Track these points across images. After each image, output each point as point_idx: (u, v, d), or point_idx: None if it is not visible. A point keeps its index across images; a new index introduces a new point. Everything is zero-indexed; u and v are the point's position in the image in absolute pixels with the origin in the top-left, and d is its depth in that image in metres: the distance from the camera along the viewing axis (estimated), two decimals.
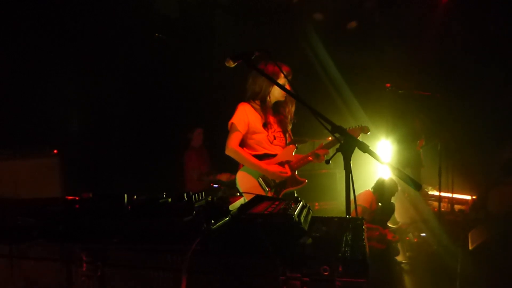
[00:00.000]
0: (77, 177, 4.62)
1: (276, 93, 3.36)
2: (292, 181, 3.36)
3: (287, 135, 3.50)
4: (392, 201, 5.46)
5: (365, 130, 3.43)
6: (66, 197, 1.71)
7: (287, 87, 3.16)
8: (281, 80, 3.22)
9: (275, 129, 3.41)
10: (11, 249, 1.55)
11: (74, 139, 4.88)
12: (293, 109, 3.48)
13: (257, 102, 3.38)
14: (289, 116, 3.48)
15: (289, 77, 3.18)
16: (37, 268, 1.52)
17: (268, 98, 3.38)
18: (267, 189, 3.28)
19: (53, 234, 1.53)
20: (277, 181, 3.30)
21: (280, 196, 3.28)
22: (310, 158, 3.37)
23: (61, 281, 1.49)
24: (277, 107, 3.47)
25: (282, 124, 3.46)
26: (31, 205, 1.77)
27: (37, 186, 4.17)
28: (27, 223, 1.59)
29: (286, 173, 3.29)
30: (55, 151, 4.38)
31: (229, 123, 3.28)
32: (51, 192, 4.19)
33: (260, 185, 3.28)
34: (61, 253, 1.49)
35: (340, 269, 1.22)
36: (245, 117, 3.28)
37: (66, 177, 4.41)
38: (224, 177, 5.52)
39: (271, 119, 3.40)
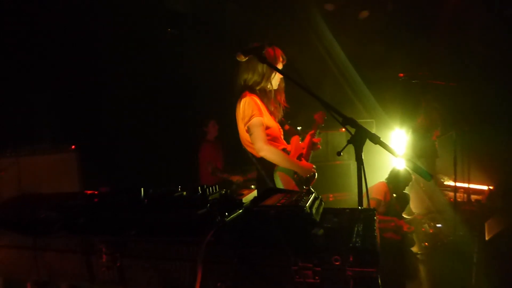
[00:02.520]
0: (95, 171, 4.73)
1: (274, 81, 3.08)
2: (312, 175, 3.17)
3: (282, 126, 3.28)
4: (406, 191, 5.43)
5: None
6: (85, 191, 1.77)
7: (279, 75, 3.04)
8: (280, 65, 3.02)
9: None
10: (35, 241, 1.62)
11: (91, 135, 4.98)
12: (284, 96, 3.21)
13: (257, 92, 3.05)
14: (282, 104, 3.21)
15: (284, 62, 3.04)
16: (60, 259, 1.59)
17: (269, 86, 3.07)
18: (304, 187, 3.00)
19: (74, 227, 1.59)
20: (304, 177, 3.08)
21: None
22: (312, 150, 3.27)
23: (82, 272, 1.55)
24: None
25: (278, 114, 3.19)
26: (53, 200, 1.83)
27: (56, 180, 4.30)
28: (50, 216, 1.65)
29: (314, 167, 3.11)
30: (73, 146, 4.50)
31: (250, 119, 2.90)
32: (70, 186, 4.31)
33: (296, 183, 3.06)
34: (82, 245, 1.55)
35: (351, 259, 1.25)
36: (261, 109, 2.96)
37: (84, 171, 4.52)
38: (235, 178, 5.59)
39: (273, 110, 3.13)
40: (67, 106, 4.77)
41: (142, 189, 1.63)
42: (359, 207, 1.86)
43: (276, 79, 3.09)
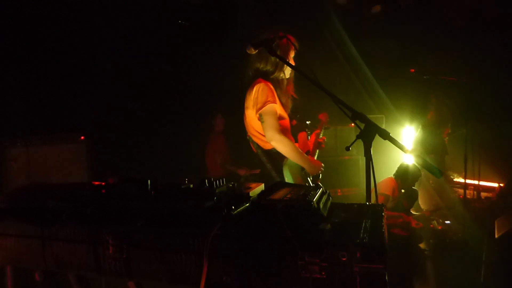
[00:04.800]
0: (104, 162, 4.76)
1: (287, 70, 2.92)
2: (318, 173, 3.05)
3: (290, 120, 3.08)
4: (415, 187, 5.39)
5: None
6: (93, 182, 1.78)
7: (292, 62, 2.89)
8: (292, 53, 2.88)
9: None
10: (42, 230, 1.63)
11: (101, 126, 5.00)
12: (292, 86, 3.03)
13: (271, 81, 2.89)
14: (291, 95, 3.03)
15: (296, 50, 2.86)
16: (67, 249, 1.59)
17: (282, 75, 2.91)
18: (312, 184, 2.91)
19: (81, 217, 1.60)
20: (312, 174, 2.94)
21: None
22: (317, 149, 3.17)
23: (89, 262, 1.55)
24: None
25: (289, 106, 3.02)
26: (61, 190, 1.84)
27: (66, 171, 4.35)
28: (57, 206, 1.66)
29: (323, 166, 2.99)
30: (82, 137, 4.54)
31: (264, 105, 2.72)
32: (79, 176, 4.35)
33: (303, 179, 2.92)
34: (89, 236, 1.56)
35: (358, 254, 1.23)
36: (276, 97, 2.80)
37: (93, 162, 4.56)
38: (242, 172, 5.59)
39: (285, 102, 2.96)
40: (77, 97, 4.80)
41: (149, 180, 1.63)
42: (367, 203, 1.84)
43: (288, 68, 2.93)
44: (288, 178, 2.82)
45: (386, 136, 1.91)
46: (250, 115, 2.88)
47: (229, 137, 5.99)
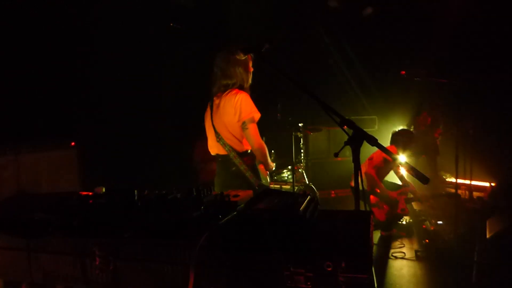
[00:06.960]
0: (95, 168, 4.73)
1: (250, 79, 3.24)
2: None
3: None
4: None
5: None
6: (80, 192, 1.77)
7: (251, 68, 3.20)
8: (250, 62, 3.19)
9: None
10: (29, 242, 1.62)
11: (91, 131, 4.98)
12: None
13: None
14: None
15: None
16: (53, 261, 1.59)
17: (248, 85, 3.23)
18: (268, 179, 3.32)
19: (68, 229, 1.59)
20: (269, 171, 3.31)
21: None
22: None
23: (76, 274, 1.55)
24: None
25: None
26: (48, 201, 1.83)
27: (56, 178, 4.31)
28: (44, 218, 1.65)
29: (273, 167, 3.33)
30: (73, 143, 4.51)
31: (250, 114, 3.06)
32: (70, 183, 4.32)
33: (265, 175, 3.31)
34: (76, 247, 1.55)
35: (343, 264, 1.24)
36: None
37: (84, 168, 4.53)
38: None
39: None
40: (67, 103, 4.77)
41: (135, 191, 1.63)
42: (356, 210, 1.85)
43: (251, 75, 3.23)
44: (262, 175, 3.22)
45: (374, 142, 1.91)
46: (229, 121, 3.13)
47: None
